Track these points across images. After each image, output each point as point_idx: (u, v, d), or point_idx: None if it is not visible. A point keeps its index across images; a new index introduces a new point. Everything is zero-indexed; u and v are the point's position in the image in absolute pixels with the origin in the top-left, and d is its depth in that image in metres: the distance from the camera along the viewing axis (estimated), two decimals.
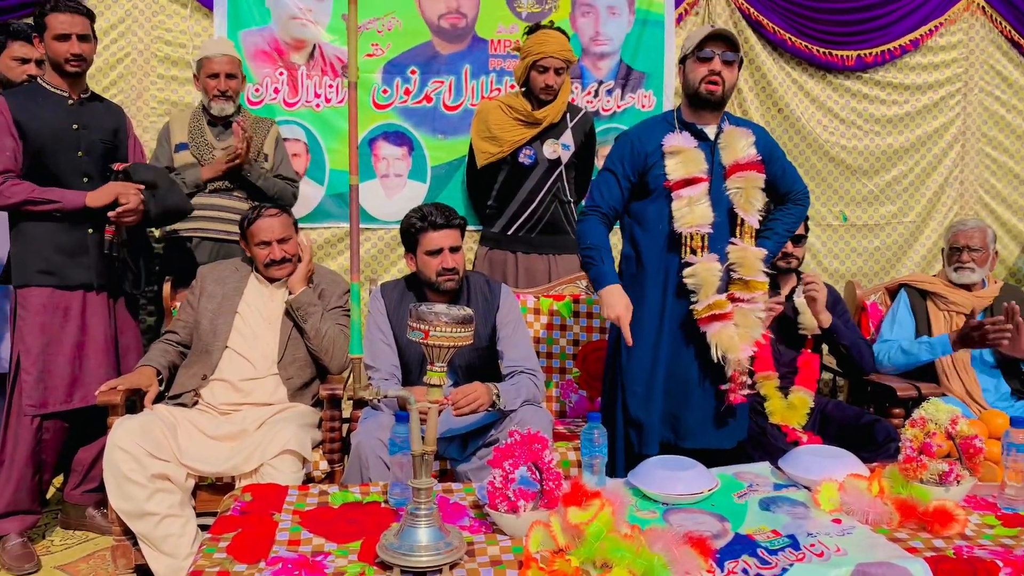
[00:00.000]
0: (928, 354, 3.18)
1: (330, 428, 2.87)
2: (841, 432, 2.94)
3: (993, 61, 4.54)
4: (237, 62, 3.56)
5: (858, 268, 4.56)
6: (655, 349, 2.70)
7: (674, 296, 2.67)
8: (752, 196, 2.64)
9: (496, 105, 3.68)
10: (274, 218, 3.03)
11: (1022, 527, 2.00)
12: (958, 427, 2.18)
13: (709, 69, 2.61)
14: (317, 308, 3.02)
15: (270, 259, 3.01)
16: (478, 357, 2.88)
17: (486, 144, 3.67)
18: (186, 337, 3.07)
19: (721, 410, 2.71)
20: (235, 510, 2.06)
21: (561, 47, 3.51)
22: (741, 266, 2.65)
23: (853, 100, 4.48)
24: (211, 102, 3.50)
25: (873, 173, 4.52)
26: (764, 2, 4.32)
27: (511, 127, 3.62)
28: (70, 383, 3.00)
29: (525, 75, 3.58)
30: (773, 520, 2.03)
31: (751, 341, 2.64)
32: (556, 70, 3.52)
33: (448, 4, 4.13)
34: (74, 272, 3.00)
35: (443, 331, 1.79)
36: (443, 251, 2.79)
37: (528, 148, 3.63)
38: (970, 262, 3.33)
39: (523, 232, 3.68)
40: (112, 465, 2.54)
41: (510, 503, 1.91)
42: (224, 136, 3.56)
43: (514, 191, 3.67)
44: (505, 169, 3.68)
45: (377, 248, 4.20)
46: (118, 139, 3.17)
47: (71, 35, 2.96)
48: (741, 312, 2.64)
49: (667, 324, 2.69)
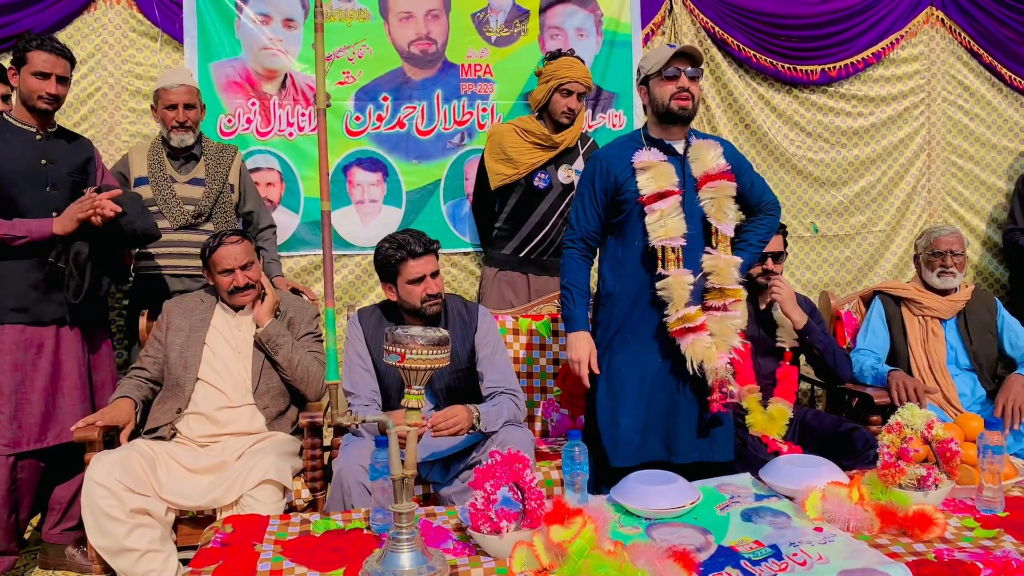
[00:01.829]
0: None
1: (311, 456, 2.86)
2: (820, 441, 2.96)
3: (954, 71, 4.63)
4: (196, 92, 3.53)
5: (830, 278, 4.61)
6: (642, 366, 2.70)
7: (653, 311, 2.68)
8: (724, 205, 2.67)
9: (510, 128, 3.76)
10: (235, 245, 3.01)
11: (1001, 528, 2.02)
12: (934, 431, 2.20)
13: (678, 86, 2.65)
14: (287, 338, 3.01)
15: (234, 286, 3.00)
16: (458, 380, 2.88)
17: (501, 166, 3.74)
18: (155, 373, 3.03)
19: (707, 421, 2.71)
20: (216, 542, 2.04)
21: (585, 73, 3.70)
22: (715, 274, 2.67)
23: (819, 113, 4.55)
24: (170, 133, 3.45)
25: (842, 184, 4.59)
26: (728, 20, 4.39)
27: (527, 150, 3.70)
28: (43, 421, 2.96)
29: (547, 98, 3.70)
30: (755, 531, 2.04)
31: (728, 349, 2.65)
32: (579, 94, 3.67)
33: (418, 30, 4.16)
34: (47, 308, 2.97)
35: (419, 354, 1.80)
36: (425, 278, 2.79)
37: (543, 172, 3.73)
38: (953, 267, 3.39)
39: (535, 254, 3.76)
40: (90, 501, 2.51)
41: (492, 524, 1.90)
42: (186, 169, 3.51)
43: (527, 214, 3.75)
44: (518, 192, 3.76)
45: (354, 274, 4.20)
46: (87, 173, 3.15)
47: (51, 75, 2.96)
48: (716, 320, 2.65)
49: (649, 339, 2.71)
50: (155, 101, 3.51)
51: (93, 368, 3.14)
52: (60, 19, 3.88)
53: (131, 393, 2.93)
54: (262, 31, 4.03)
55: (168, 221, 3.43)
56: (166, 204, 3.44)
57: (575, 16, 4.29)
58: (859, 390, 3.22)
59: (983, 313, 3.43)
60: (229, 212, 3.59)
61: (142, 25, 4.00)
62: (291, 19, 4.06)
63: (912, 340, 3.38)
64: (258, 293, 3.06)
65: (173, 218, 3.44)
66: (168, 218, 3.44)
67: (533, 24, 4.26)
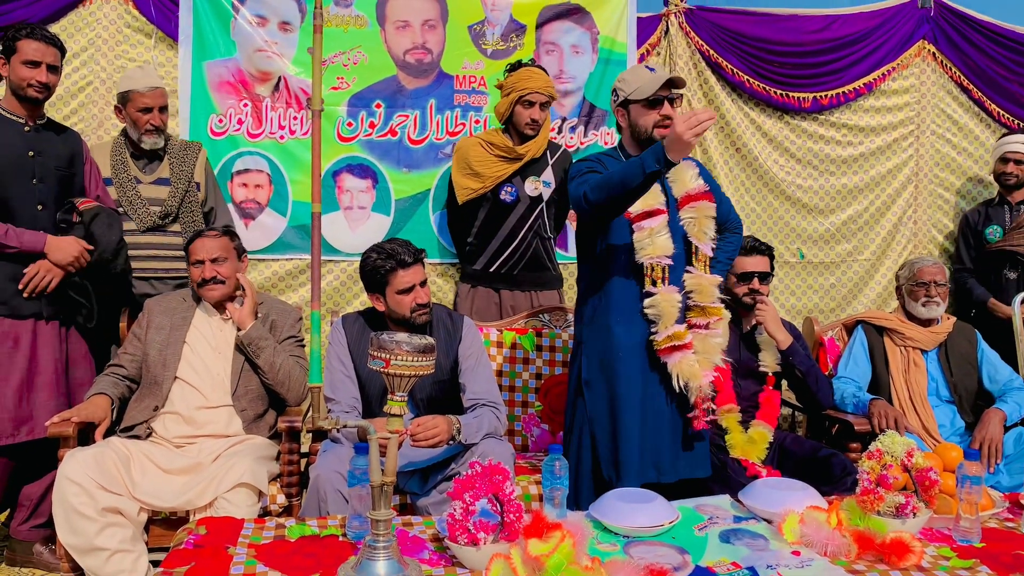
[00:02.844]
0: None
1: (288, 461, 2.83)
2: (798, 466, 2.96)
3: (944, 105, 4.69)
4: (167, 92, 3.48)
5: (814, 304, 4.63)
6: (627, 384, 2.69)
7: (637, 328, 2.69)
8: (705, 225, 2.70)
9: (476, 142, 3.68)
10: (211, 239, 2.99)
11: (977, 559, 2.02)
12: (914, 459, 2.21)
13: (661, 114, 2.66)
14: (269, 342, 2.98)
15: (201, 278, 2.96)
16: (439, 390, 2.87)
17: (467, 180, 3.66)
18: (133, 371, 2.99)
19: (688, 437, 2.72)
20: (189, 543, 2.01)
21: (545, 83, 3.57)
22: (698, 293, 2.69)
23: (809, 141, 4.59)
24: (143, 136, 3.38)
25: (829, 212, 4.62)
26: (723, 44, 4.43)
27: (492, 163, 3.63)
28: (16, 416, 2.91)
29: (509, 111, 3.60)
30: (733, 552, 2.03)
31: (711, 366, 2.69)
32: (541, 104, 3.56)
33: (414, 40, 4.17)
34: (25, 301, 2.93)
35: (404, 360, 1.78)
36: (415, 288, 2.77)
37: (509, 185, 3.63)
38: (936, 296, 3.41)
39: (505, 269, 3.67)
40: (62, 498, 2.46)
41: (470, 535, 1.88)
42: (150, 168, 3.44)
43: (496, 228, 3.66)
44: (486, 206, 3.67)
45: (339, 280, 4.18)
46: (74, 166, 3.12)
47: (42, 63, 2.94)
48: (700, 338, 2.68)
49: (633, 357, 2.70)
50: (122, 103, 3.40)
51: (72, 365, 3.10)
52: (53, 12, 3.88)
53: (107, 390, 2.89)
54: (258, 33, 4.02)
55: (134, 223, 3.37)
56: (131, 205, 3.38)
57: (571, 33, 4.31)
58: (840, 417, 3.22)
59: (964, 345, 3.45)
60: (196, 211, 3.51)
61: (137, 21, 3.99)
62: (287, 22, 4.06)
63: (894, 370, 3.39)
64: (230, 291, 3.03)
65: (139, 219, 3.38)
66: (134, 220, 3.37)
67: (529, 39, 4.28)
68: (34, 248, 2.91)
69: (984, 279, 4.27)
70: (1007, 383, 3.35)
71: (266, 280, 4.09)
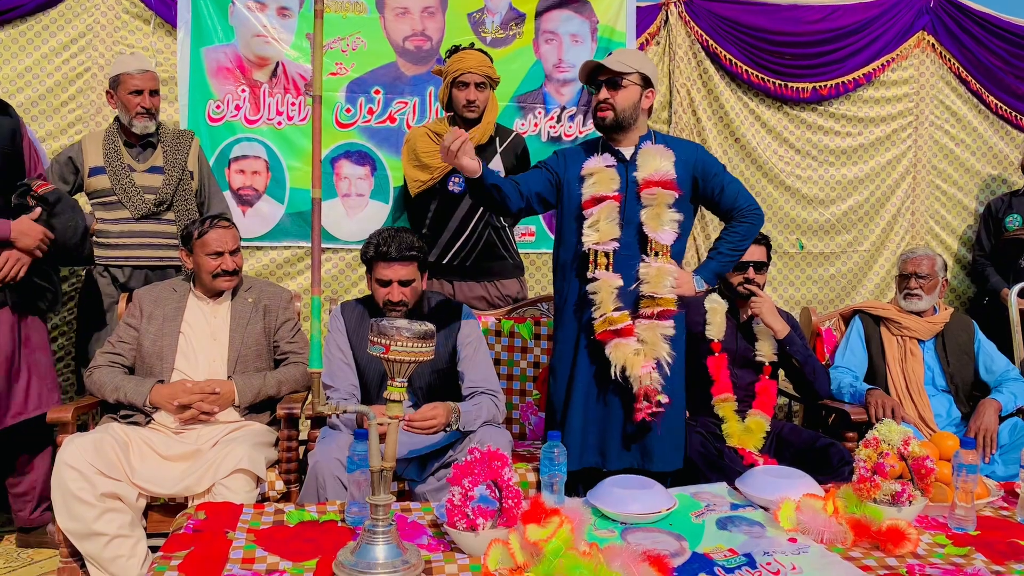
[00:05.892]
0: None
1: (287, 447, 2.83)
2: (796, 455, 2.97)
3: (943, 96, 4.69)
4: (159, 78, 3.46)
5: (813, 295, 4.64)
6: (572, 370, 2.73)
7: (587, 316, 2.70)
8: (660, 213, 2.66)
9: (423, 132, 3.57)
10: (228, 230, 2.99)
11: (972, 547, 2.04)
12: (910, 448, 2.22)
13: (596, 100, 2.73)
14: (262, 381, 2.94)
15: (222, 269, 2.96)
16: (438, 378, 2.87)
17: (416, 172, 3.55)
18: (131, 360, 2.97)
19: (638, 429, 2.69)
20: (188, 528, 2.01)
21: (479, 63, 3.44)
22: (647, 282, 2.66)
23: (808, 131, 4.59)
24: (133, 120, 3.35)
25: (829, 203, 4.62)
26: (722, 34, 4.42)
27: (438, 153, 3.47)
28: None
29: (447, 96, 3.50)
30: (730, 539, 2.04)
31: (653, 357, 2.64)
32: (476, 85, 3.43)
33: (413, 26, 4.16)
34: None
35: (404, 346, 1.79)
36: (392, 284, 2.76)
37: (456, 176, 3.45)
38: (918, 289, 3.40)
39: (458, 261, 3.54)
40: (61, 483, 2.47)
41: (469, 521, 1.89)
42: (143, 156, 3.42)
43: (446, 220, 3.53)
44: (436, 198, 3.55)
45: (337, 268, 4.17)
46: (15, 144, 3.02)
47: None
48: (646, 328, 2.65)
49: (582, 345, 2.73)
50: (113, 87, 3.38)
51: (31, 350, 3.02)
52: None
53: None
54: (256, 18, 4.01)
55: (128, 211, 3.36)
56: (126, 194, 3.36)
57: (571, 22, 4.30)
58: (836, 406, 3.23)
59: (961, 336, 3.46)
60: (190, 200, 3.50)
61: (135, 7, 3.97)
62: (286, 8, 4.05)
63: (890, 359, 3.40)
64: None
65: (134, 208, 3.36)
66: (128, 208, 3.36)
67: (529, 27, 4.27)
68: (2, 236, 2.84)
69: (1002, 267, 4.30)
70: (1003, 374, 3.37)
71: (264, 268, 4.09)
